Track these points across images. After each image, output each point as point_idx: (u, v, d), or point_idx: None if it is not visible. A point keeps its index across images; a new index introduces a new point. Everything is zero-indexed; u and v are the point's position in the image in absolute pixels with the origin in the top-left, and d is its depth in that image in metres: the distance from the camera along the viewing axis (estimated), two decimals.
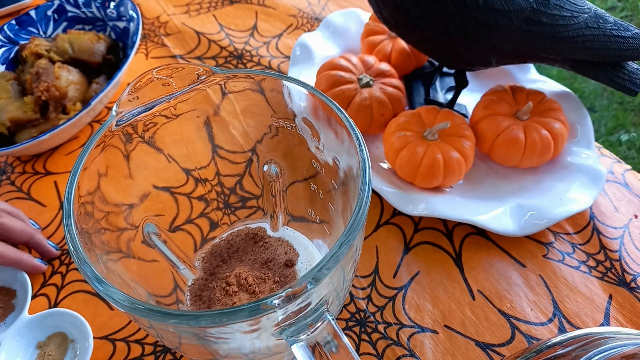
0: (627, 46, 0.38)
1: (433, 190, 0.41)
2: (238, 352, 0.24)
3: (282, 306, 0.19)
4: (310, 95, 0.27)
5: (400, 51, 0.48)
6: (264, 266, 0.33)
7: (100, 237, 0.25)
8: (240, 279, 0.30)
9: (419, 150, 0.39)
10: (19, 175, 0.47)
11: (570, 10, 0.37)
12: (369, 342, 0.34)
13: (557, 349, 0.23)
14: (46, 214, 0.43)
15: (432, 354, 0.33)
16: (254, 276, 0.31)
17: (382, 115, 0.42)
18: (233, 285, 0.30)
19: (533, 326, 0.34)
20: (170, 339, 0.23)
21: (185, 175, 0.33)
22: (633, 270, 0.37)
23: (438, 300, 0.36)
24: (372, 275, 0.37)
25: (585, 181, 0.39)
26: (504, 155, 0.41)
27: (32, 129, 0.48)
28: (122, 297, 0.20)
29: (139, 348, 0.35)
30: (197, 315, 0.19)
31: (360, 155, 0.24)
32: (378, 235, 0.40)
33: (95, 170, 0.25)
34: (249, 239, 0.35)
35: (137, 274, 0.27)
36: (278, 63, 0.56)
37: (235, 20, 0.62)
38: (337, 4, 0.63)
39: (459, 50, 0.40)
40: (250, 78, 0.28)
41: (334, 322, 0.21)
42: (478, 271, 0.37)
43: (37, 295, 0.38)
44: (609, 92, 1.35)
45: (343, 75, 0.43)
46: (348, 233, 0.21)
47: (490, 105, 0.42)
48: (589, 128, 0.43)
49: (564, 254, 0.38)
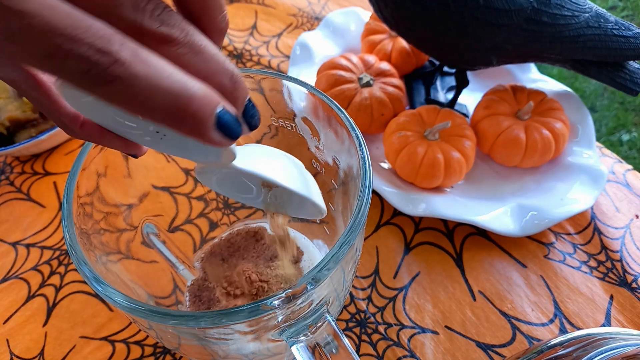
0: (628, 46, 0.38)
1: (433, 190, 0.40)
2: (238, 353, 0.24)
3: (282, 307, 0.19)
4: (310, 95, 0.27)
5: (400, 50, 0.48)
6: (269, 263, 0.32)
7: (99, 237, 0.25)
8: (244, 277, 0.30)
9: (420, 150, 0.39)
10: (18, 176, 0.47)
11: (571, 10, 0.37)
12: (369, 343, 0.34)
13: (558, 349, 0.23)
14: (45, 214, 0.43)
15: (433, 355, 0.33)
16: (258, 273, 0.31)
17: (383, 115, 0.42)
18: (235, 282, 0.30)
19: (534, 327, 0.34)
20: (170, 340, 0.23)
21: (185, 175, 0.33)
22: (634, 270, 0.36)
23: (439, 301, 0.36)
24: (373, 275, 0.37)
25: (586, 181, 0.39)
26: (505, 155, 0.41)
27: (31, 129, 0.48)
28: (122, 297, 0.20)
29: (139, 349, 0.34)
30: (196, 316, 0.19)
31: (360, 155, 0.24)
32: (378, 236, 0.40)
33: (94, 170, 0.25)
34: (250, 237, 0.35)
35: (137, 275, 0.27)
36: (278, 62, 0.55)
37: (235, 20, 0.62)
38: (337, 3, 0.63)
39: (459, 50, 0.40)
40: (250, 77, 0.28)
41: (334, 322, 0.21)
42: (479, 271, 0.37)
43: (35, 295, 0.38)
44: (610, 91, 1.35)
45: (343, 75, 0.43)
46: (348, 233, 0.21)
47: (491, 105, 0.42)
48: (590, 128, 0.43)
49: (565, 255, 0.38)
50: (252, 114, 0.19)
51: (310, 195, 0.23)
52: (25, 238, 0.41)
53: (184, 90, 0.15)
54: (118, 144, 0.20)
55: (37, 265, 0.39)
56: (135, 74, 0.14)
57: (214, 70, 0.17)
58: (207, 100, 0.16)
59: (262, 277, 0.30)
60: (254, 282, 0.30)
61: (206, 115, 0.15)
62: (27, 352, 0.35)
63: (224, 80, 0.17)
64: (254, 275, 0.30)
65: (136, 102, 0.14)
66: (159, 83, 0.14)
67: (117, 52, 0.13)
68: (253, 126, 0.19)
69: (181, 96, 0.15)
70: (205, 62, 0.16)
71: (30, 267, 0.39)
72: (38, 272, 0.39)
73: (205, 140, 0.16)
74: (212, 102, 0.16)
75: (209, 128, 0.16)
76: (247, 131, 0.19)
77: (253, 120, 0.19)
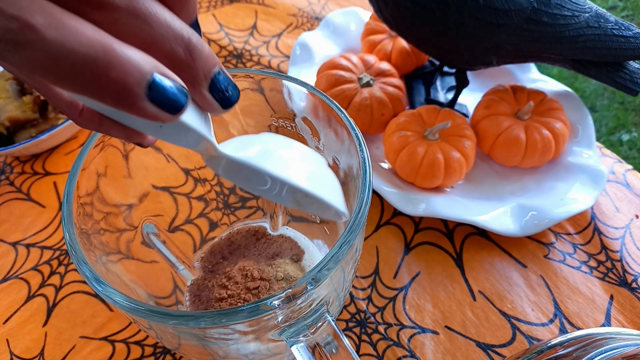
0: (628, 46, 0.38)
1: (433, 190, 0.40)
2: (238, 353, 0.24)
3: (282, 307, 0.19)
4: (310, 95, 0.27)
5: (400, 50, 0.48)
6: (271, 260, 0.32)
7: (99, 237, 0.25)
8: (243, 272, 0.30)
9: (420, 150, 0.39)
10: (18, 176, 0.47)
11: (571, 10, 0.37)
12: (369, 343, 0.34)
13: (558, 349, 0.23)
14: (45, 214, 0.43)
15: (433, 355, 0.33)
16: (260, 270, 0.31)
17: (383, 114, 0.42)
18: (235, 277, 0.30)
19: (534, 327, 0.34)
20: (170, 340, 0.23)
21: (185, 175, 0.33)
22: (634, 270, 0.36)
23: (439, 301, 0.36)
24: (373, 275, 0.37)
25: (586, 181, 0.39)
26: (505, 155, 0.41)
27: (31, 129, 0.48)
28: (122, 297, 0.20)
29: (139, 349, 0.34)
30: (196, 316, 0.19)
31: (360, 155, 0.24)
32: (378, 236, 0.40)
33: (94, 170, 0.25)
34: (251, 235, 0.35)
35: (137, 275, 0.27)
36: (278, 62, 0.55)
37: (235, 20, 0.62)
38: (337, 3, 0.63)
39: (459, 50, 0.40)
40: (250, 77, 0.28)
41: (334, 322, 0.21)
42: (479, 271, 0.37)
43: (35, 295, 0.38)
44: (609, 91, 1.35)
45: (343, 75, 0.43)
46: (348, 233, 0.21)
47: (491, 105, 0.42)
48: (590, 128, 0.43)
49: (565, 255, 0.38)
50: (223, 87, 0.16)
51: (323, 195, 0.20)
52: (25, 238, 0.41)
53: (103, 54, 0.13)
54: (118, 132, 0.19)
55: (37, 265, 0.39)
56: (46, 39, 0.13)
57: (161, 38, 0.15)
58: (133, 66, 0.13)
59: (263, 275, 0.30)
60: (255, 279, 0.30)
61: (131, 84, 0.14)
62: (27, 352, 0.35)
63: (177, 49, 0.15)
64: (256, 272, 0.30)
65: (48, 69, 0.13)
66: (73, 47, 0.13)
67: (28, 18, 0.12)
68: (226, 102, 0.17)
69: (97, 61, 0.13)
70: (151, 29, 0.14)
71: (30, 267, 0.39)
72: (38, 272, 0.39)
73: (138, 114, 0.14)
74: (142, 69, 0.14)
75: (139, 98, 0.14)
76: (219, 109, 0.17)
77: (224, 94, 0.16)
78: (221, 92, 0.16)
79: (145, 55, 0.14)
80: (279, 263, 0.32)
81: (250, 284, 0.30)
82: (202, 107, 0.17)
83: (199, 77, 0.16)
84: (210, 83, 0.16)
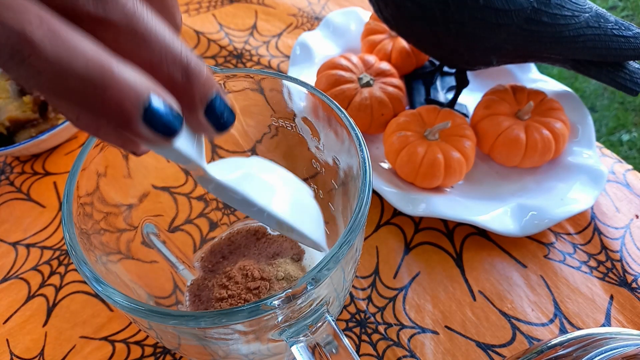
0: (628, 46, 0.38)
1: (433, 190, 0.40)
2: (238, 353, 0.24)
3: (282, 307, 0.19)
4: (310, 95, 0.27)
5: (400, 50, 0.48)
6: (271, 260, 0.32)
7: (99, 238, 0.25)
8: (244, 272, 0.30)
9: (420, 150, 0.39)
10: (18, 176, 0.47)
11: (571, 10, 0.37)
12: (369, 343, 0.34)
13: (558, 349, 0.23)
14: (45, 214, 0.43)
15: (433, 355, 0.33)
16: (260, 269, 0.30)
17: (383, 114, 0.42)
18: (235, 277, 0.30)
19: (534, 327, 0.34)
20: (170, 340, 0.23)
21: (185, 175, 0.33)
22: (634, 270, 0.36)
23: (439, 301, 0.36)
24: (373, 275, 0.37)
25: (586, 181, 0.39)
26: (505, 155, 0.41)
27: (31, 129, 0.48)
28: (122, 297, 0.20)
29: (139, 349, 0.34)
30: (196, 316, 0.19)
31: (360, 155, 0.24)
32: (378, 236, 0.40)
33: (94, 170, 0.25)
34: (251, 235, 0.35)
35: (137, 275, 0.27)
36: (278, 62, 0.55)
37: (235, 20, 0.62)
38: (337, 3, 0.63)
39: (459, 50, 0.40)
40: (250, 77, 0.28)
41: (334, 322, 0.21)
42: (479, 271, 0.37)
43: (35, 295, 0.38)
44: (610, 91, 1.35)
45: (343, 75, 0.43)
46: (348, 233, 0.21)
47: (491, 105, 0.42)
48: (590, 128, 0.43)
49: (565, 255, 0.38)
50: (218, 113, 0.16)
51: (301, 227, 0.21)
52: (25, 238, 0.41)
53: (100, 74, 0.13)
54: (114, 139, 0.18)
55: (37, 265, 0.39)
56: (45, 55, 0.12)
57: (159, 61, 0.15)
58: (131, 88, 0.14)
59: (263, 274, 0.30)
60: (256, 279, 0.30)
61: (127, 105, 0.14)
62: (27, 352, 0.35)
63: (174, 73, 0.15)
64: (256, 272, 0.30)
65: (44, 86, 0.13)
66: (71, 65, 0.13)
67: (28, 32, 0.12)
68: (220, 127, 0.17)
69: (95, 80, 0.13)
70: (149, 51, 0.15)
71: (30, 267, 0.39)
72: (38, 272, 0.39)
73: (132, 135, 0.15)
74: (138, 90, 0.14)
75: (134, 120, 0.14)
76: (213, 133, 0.17)
77: (219, 120, 0.17)
78: (217, 117, 0.16)
79: (143, 77, 0.14)
80: (280, 263, 0.32)
81: (250, 283, 0.30)
82: (196, 129, 0.17)
83: (195, 101, 0.16)
84: (207, 107, 0.16)
